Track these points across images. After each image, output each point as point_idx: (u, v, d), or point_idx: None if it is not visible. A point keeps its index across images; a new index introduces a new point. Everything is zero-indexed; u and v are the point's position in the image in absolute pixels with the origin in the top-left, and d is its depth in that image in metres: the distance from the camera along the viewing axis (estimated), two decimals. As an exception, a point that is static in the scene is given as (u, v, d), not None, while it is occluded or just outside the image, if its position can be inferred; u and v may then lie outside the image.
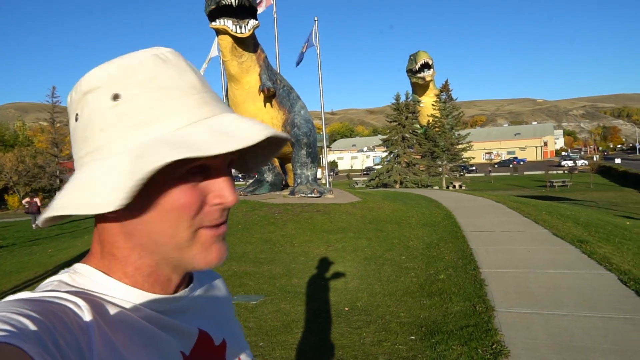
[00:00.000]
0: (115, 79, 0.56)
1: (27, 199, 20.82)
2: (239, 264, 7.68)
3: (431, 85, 35.94)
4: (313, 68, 18.09)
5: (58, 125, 36.67)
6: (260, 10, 18.04)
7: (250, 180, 16.54)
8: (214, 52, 17.57)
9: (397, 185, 32.77)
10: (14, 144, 42.22)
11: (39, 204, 19.71)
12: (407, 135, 35.01)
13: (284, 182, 15.33)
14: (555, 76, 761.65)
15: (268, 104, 12.92)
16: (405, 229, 9.93)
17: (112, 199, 0.51)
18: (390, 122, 35.94)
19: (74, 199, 0.54)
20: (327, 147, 22.43)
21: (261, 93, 12.44)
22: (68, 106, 0.61)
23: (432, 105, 35.86)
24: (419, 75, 34.76)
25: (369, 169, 68.46)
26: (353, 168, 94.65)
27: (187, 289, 0.66)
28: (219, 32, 11.69)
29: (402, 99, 35.19)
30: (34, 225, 18.77)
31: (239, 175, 65.30)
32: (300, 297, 5.82)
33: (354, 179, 53.86)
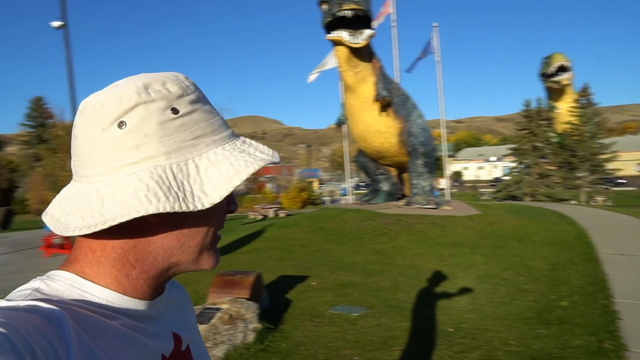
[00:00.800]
0: (171, 96, 0.60)
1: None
2: (347, 274, 7.67)
3: (568, 89, 32.78)
4: (434, 76, 17.59)
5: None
6: (379, 20, 18.08)
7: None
8: (332, 62, 17.93)
9: (528, 199, 30.35)
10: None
11: None
12: (539, 144, 32.32)
13: (400, 192, 15.08)
14: None
15: (384, 113, 12.84)
16: (529, 246, 9.09)
17: (214, 196, 0.59)
18: (520, 130, 33.50)
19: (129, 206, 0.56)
20: (451, 156, 21.61)
21: (376, 102, 12.41)
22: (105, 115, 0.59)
23: (569, 111, 32.65)
24: (554, 79, 31.95)
25: (496, 179, 64.56)
26: (479, 178, 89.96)
27: (161, 296, 0.68)
28: (335, 43, 11.94)
29: (534, 105, 32.61)
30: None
31: (361, 183, 65.97)
32: (404, 312, 5.61)
33: (480, 190, 51.15)
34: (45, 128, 47.61)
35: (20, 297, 0.54)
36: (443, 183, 23.69)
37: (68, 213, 0.58)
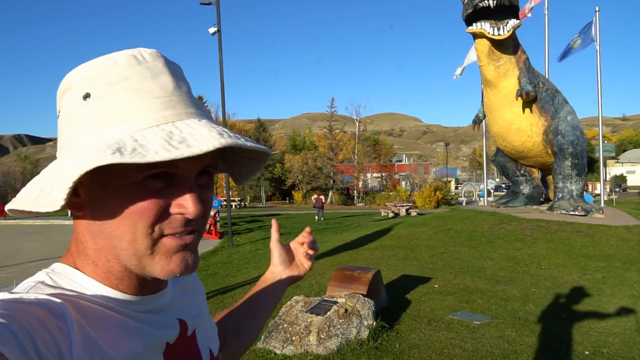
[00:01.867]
0: (88, 78, 0.58)
1: (315, 196, 24.16)
2: (473, 279, 7.26)
3: None
4: (594, 67, 15.59)
5: (335, 132, 41.64)
6: (529, 7, 16.68)
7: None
8: (472, 56, 17.02)
9: None
10: (302, 148, 49.77)
11: (323, 200, 22.57)
12: None
13: (543, 196, 13.81)
14: None
15: (527, 110, 11.85)
16: (702, 266, 7.67)
17: (55, 198, 0.53)
18: None
19: (28, 194, 0.57)
20: (613, 158, 19.08)
21: (519, 98, 11.49)
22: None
23: None
24: None
25: (670, 186, 55.49)
26: (648, 184, 78.23)
27: (165, 289, 0.67)
28: (475, 36, 11.31)
29: None
30: (316, 218, 21.69)
31: (502, 185, 61.75)
32: (532, 326, 5.13)
33: (647, 197, 44.46)
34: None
35: (25, 289, 0.55)
36: (599, 188, 21.03)
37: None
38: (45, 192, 0.55)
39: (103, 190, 0.56)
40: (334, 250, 10.18)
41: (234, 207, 31.95)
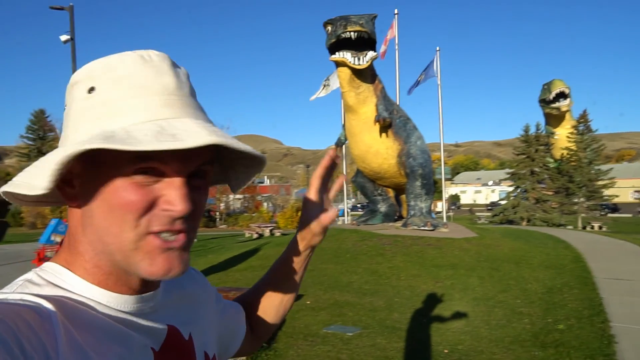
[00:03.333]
0: (95, 74, 0.59)
1: None
2: (342, 293, 7.62)
3: (567, 115, 33.01)
4: (435, 99, 17.77)
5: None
6: (384, 47, 18.32)
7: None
8: (336, 83, 18.11)
9: (524, 223, 30.35)
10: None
11: None
12: (536, 169, 32.47)
13: (397, 214, 15.07)
14: None
15: (384, 134, 12.92)
16: (525, 270, 9.07)
17: (42, 181, 0.53)
18: (518, 154, 33.69)
19: (21, 178, 0.57)
20: (449, 179, 21.66)
21: (377, 123, 12.49)
22: None
23: (568, 137, 32.87)
24: (553, 105, 32.19)
25: (493, 204, 64.54)
26: (476, 202, 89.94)
27: (157, 290, 0.66)
28: (338, 64, 12.08)
29: (532, 130, 32.88)
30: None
31: (357, 205, 65.80)
32: (399, 333, 5.57)
33: (477, 213, 51.12)
34: (46, 141, 47.50)
35: (12, 288, 0.55)
36: (440, 206, 23.72)
37: None
38: (35, 174, 0.55)
39: (95, 182, 0.57)
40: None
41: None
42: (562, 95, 31.85)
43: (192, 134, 0.53)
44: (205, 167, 0.61)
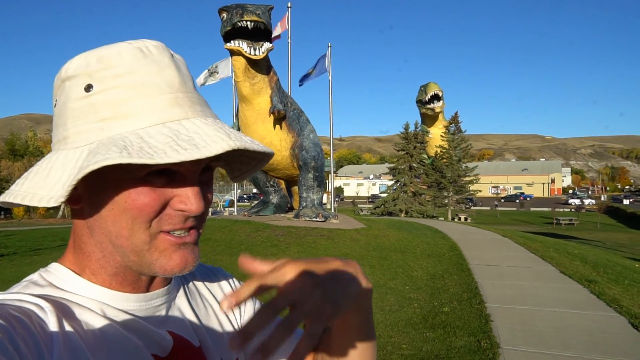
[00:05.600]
0: (91, 69, 0.55)
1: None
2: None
3: (440, 116, 36.09)
4: (324, 93, 18.34)
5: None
6: (275, 33, 18.31)
7: (255, 202, 16.50)
8: (227, 71, 17.71)
9: (402, 214, 32.57)
10: (24, 153, 42.62)
11: None
12: (414, 164, 34.99)
13: (289, 205, 15.25)
14: (564, 114, 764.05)
15: (278, 126, 12.96)
16: (410, 258, 9.77)
17: (56, 194, 0.52)
18: (398, 150, 36.01)
19: (25, 188, 0.55)
20: (334, 172, 22.41)
21: (271, 115, 12.50)
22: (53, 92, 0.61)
23: (441, 136, 35.94)
24: (428, 106, 34.96)
25: (374, 196, 68.28)
26: (359, 195, 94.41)
27: (162, 289, 0.64)
28: (233, 52, 11.84)
29: (412, 128, 35.31)
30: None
31: (244, 196, 65.37)
32: (300, 322, 5.68)
33: (359, 205, 53.67)
34: None
35: (15, 289, 0.55)
36: (325, 198, 24.50)
37: None
38: (44, 187, 0.53)
39: (102, 184, 0.55)
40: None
41: None
42: (436, 97, 34.70)
43: (211, 139, 0.52)
44: (212, 163, 0.61)
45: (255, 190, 57.41)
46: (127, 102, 0.53)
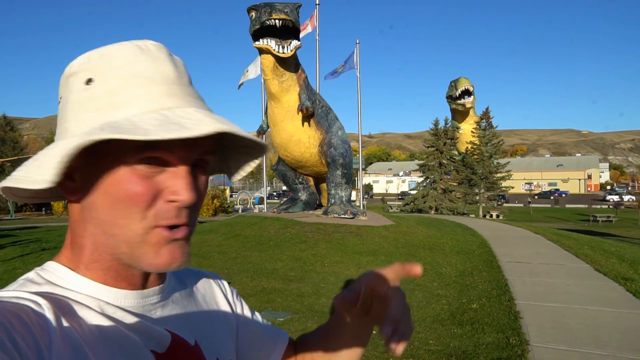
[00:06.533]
0: (91, 64, 0.58)
1: None
2: (269, 280, 7.68)
3: (471, 112, 35.53)
4: (352, 90, 18.25)
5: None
6: (304, 33, 18.39)
7: (285, 199, 16.64)
8: (256, 70, 17.91)
9: (432, 212, 32.25)
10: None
11: None
12: (444, 161, 34.58)
13: (317, 202, 15.34)
14: (602, 108, 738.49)
15: (306, 123, 13.04)
16: (439, 255, 9.71)
17: (45, 175, 0.51)
18: (428, 147, 35.64)
19: (23, 173, 0.55)
20: (363, 169, 22.40)
21: (299, 112, 12.59)
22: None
23: (472, 132, 35.37)
24: (459, 101, 34.47)
25: (404, 193, 67.77)
26: (388, 192, 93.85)
27: (158, 287, 0.65)
28: (261, 51, 11.97)
29: (441, 124, 34.89)
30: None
31: (273, 193, 65.72)
32: (327, 317, 5.73)
33: (388, 202, 53.35)
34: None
35: (12, 287, 0.55)
36: (354, 195, 24.50)
37: None
38: (39, 171, 0.53)
39: (97, 174, 0.56)
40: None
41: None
42: (467, 93, 34.16)
43: (198, 122, 0.52)
44: (207, 157, 0.60)
45: (284, 188, 57.72)
46: (122, 92, 0.55)
